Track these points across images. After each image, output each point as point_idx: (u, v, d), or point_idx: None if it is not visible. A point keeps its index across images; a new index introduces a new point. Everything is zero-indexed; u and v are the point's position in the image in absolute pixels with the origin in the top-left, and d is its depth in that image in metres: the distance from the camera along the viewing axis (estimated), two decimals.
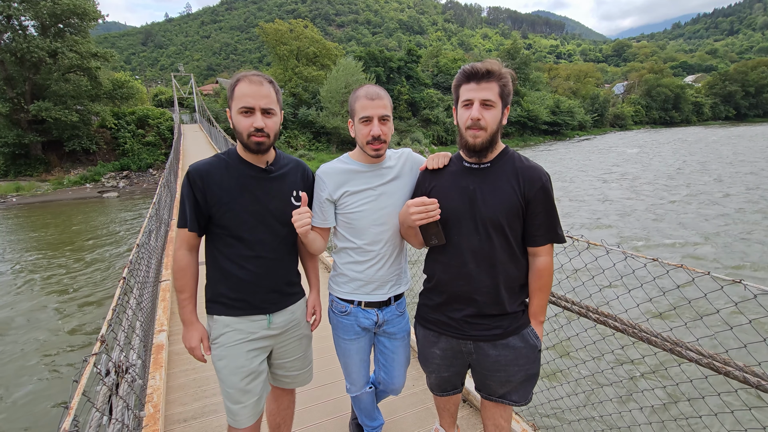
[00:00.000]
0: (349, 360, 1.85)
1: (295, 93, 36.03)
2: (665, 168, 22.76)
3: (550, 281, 1.53)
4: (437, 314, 1.62)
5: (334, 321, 1.82)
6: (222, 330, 1.58)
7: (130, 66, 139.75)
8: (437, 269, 1.59)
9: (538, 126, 51.20)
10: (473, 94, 1.39)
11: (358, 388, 1.92)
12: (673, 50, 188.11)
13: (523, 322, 1.56)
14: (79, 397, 0.88)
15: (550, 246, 1.51)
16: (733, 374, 1.49)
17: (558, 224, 1.49)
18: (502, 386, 1.60)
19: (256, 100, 1.45)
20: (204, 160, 1.57)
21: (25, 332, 6.80)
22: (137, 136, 27.24)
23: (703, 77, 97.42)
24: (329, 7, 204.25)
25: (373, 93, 1.56)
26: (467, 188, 1.48)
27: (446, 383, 1.75)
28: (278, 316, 1.65)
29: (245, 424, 1.62)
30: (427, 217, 1.43)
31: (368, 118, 1.55)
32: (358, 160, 1.68)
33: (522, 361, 1.54)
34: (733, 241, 10.00)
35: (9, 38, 22.28)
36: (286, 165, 1.66)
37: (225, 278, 1.57)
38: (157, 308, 3.86)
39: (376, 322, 1.77)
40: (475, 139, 1.42)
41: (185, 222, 1.54)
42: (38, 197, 21.19)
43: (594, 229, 11.74)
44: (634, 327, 1.82)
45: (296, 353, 1.77)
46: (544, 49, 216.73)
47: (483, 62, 1.40)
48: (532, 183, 1.44)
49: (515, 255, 1.49)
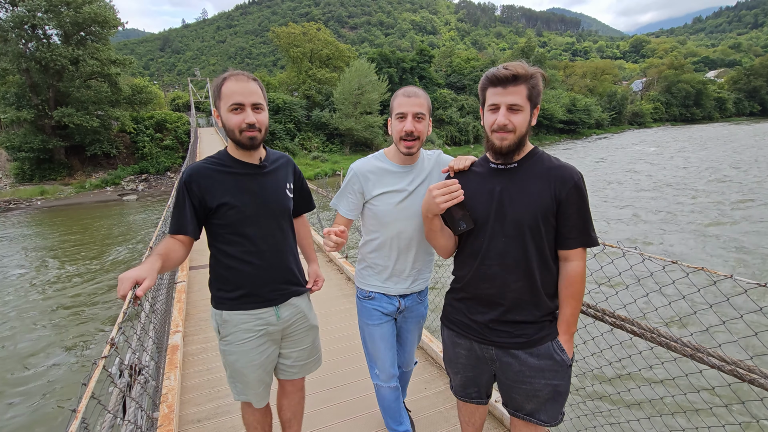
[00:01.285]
0: (374, 345, 1.91)
1: (308, 95, 36.33)
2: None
3: (582, 288, 1.44)
4: (461, 316, 1.58)
5: (360, 306, 1.93)
6: (231, 330, 1.62)
7: (148, 71, 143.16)
8: (464, 270, 1.55)
9: (554, 125, 50.41)
10: (499, 98, 1.35)
11: (386, 377, 1.92)
12: (694, 45, 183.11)
13: (551, 332, 1.47)
14: (87, 400, 0.89)
15: (583, 250, 1.42)
16: (759, 382, 1.42)
17: (591, 226, 1.41)
18: (528, 401, 1.51)
19: (245, 97, 1.47)
20: (198, 163, 1.58)
21: (47, 332, 7.00)
22: (155, 140, 27.89)
23: (726, 72, 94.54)
24: (342, 10, 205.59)
25: (410, 91, 1.63)
26: (494, 189, 1.43)
27: (470, 383, 1.66)
28: (285, 309, 1.70)
29: (259, 405, 1.74)
30: (451, 198, 1.40)
31: (403, 115, 1.61)
32: (393, 160, 1.75)
33: (548, 375, 1.46)
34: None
35: (33, 47, 23.08)
36: (277, 160, 1.73)
37: (233, 275, 1.60)
38: (173, 309, 3.92)
39: (398, 308, 1.88)
40: (502, 142, 1.38)
41: (180, 228, 1.53)
42: (62, 200, 21.86)
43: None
44: (652, 332, 1.76)
45: (304, 344, 1.82)
46: (559, 47, 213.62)
47: (509, 66, 1.34)
48: (564, 183, 1.37)
49: (545, 259, 1.42)
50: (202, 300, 4.45)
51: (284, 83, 41.07)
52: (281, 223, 1.67)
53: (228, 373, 1.72)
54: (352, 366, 3.05)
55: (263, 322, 1.65)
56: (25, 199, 21.50)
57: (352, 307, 4.16)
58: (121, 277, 1.24)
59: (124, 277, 1.24)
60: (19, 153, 23.27)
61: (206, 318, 3.95)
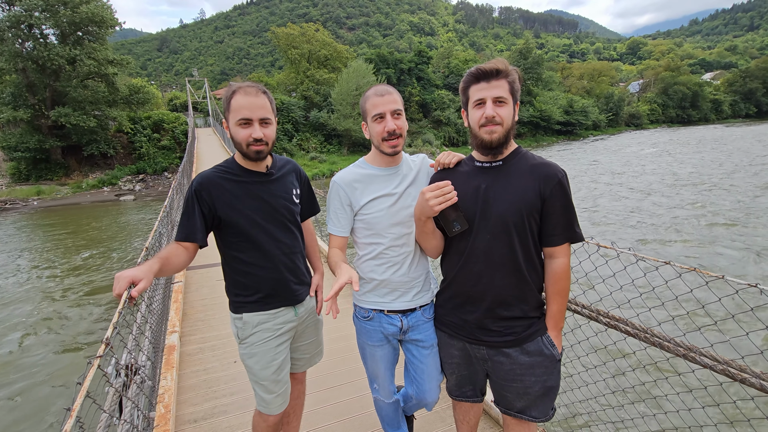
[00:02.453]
0: (375, 365, 1.80)
1: (306, 96, 36.33)
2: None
3: (567, 284, 1.46)
4: (451, 316, 1.59)
5: (358, 326, 1.80)
6: (252, 330, 1.66)
7: (146, 71, 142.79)
8: (451, 269, 1.56)
9: (551, 126, 50.58)
10: (485, 93, 1.38)
11: (386, 394, 1.85)
12: (691, 47, 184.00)
13: (539, 328, 1.49)
14: (82, 399, 0.90)
15: (568, 246, 1.44)
16: (750, 381, 1.43)
17: (576, 222, 1.44)
18: (519, 399, 1.53)
19: (252, 112, 1.50)
20: (207, 172, 1.61)
21: (42, 332, 6.97)
22: (153, 140, 27.83)
23: (722, 74, 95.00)
24: (340, 11, 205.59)
25: (382, 90, 1.56)
26: (479, 187, 1.45)
27: (465, 381, 1.68)
28: (301, 307, 1.77)
29: (277, 411, 1.75)
30: (444, 200, 1.39)
31: (381, 115, 1.54)
32: (375, 164, 1.66)
33: (539, 371, 1.47)
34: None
35: (30, 47, 23.01)
36: (283, 166, 1.76)
37: (251, 280, 1.65)
38: (170, 309, 3.92)
39: (400, 329, 1.70)
40: (491, 135, 1.39)
41: (189, 235, 1.54)
42: (58, 200, 21.79)
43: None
44: (646, 331, 1.78)
45: (311, 337, 1.90)
46: (556, 49, 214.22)
47: (490, 62, 1.39)
48: (548, 180, 1.39)
49: (530, 256, 1.44)
50: (200, 300, 4.44)
51: (282, 84, 41.07)
52: (290, 227, 1.71)
53: (252, 380, 1.74)
54: (350, 366, 3.06)
55: (282, 320, 1.71)
56: (21, 199, 21.42)
57: (350, 307, 4.15)
58: (118, 276, 1.24)
59: (120, 276, 1.24)
60: (16, 153, 23.20)
61: (203, 318, 3.95)
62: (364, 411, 2.54)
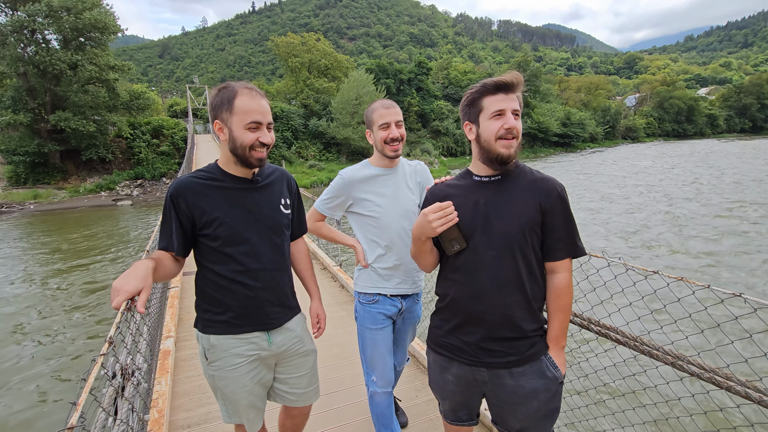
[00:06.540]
0: (375, 351, 1.97)
1: (306, 104, 36.59)
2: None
3: (570, 300, 1.42)
4: (449, 338, 1.50)
5: (362, 311, 1.99)
6: (220, 355, 1.51)
7: (146, 78, 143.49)
8: (450, 288, 1.48)
9: (549, 138, 51.09)
10: (505, 104, 1.35)
11: (384, 382, 1.96)
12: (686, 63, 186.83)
13: (541, 347, 1.43)
14: (86, 395, 0.92)
15: (569, 261, 1.41)
16: (735, 389, 1.47)
17: (577, 236, 1.41)
18: (519, 422, 1.47)
19: (263, 116, 1.43)
20: (184, 177, 1.49)
21: (41, 336, 6.93)
22: (152, 145, 27.88)
23: (717, 90, 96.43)
24: (341, 21, 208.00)
25: (388, 103, 1.93)
26: (478, 202, 1.41)
27: (461, 407, 1.60)
28: (278, 334, 1.59)
29: (252, 430, 1.62)
30: (447, 221, 1.36)
31: (387, 124, 1.88)
32: (378, 166, 1.98)
33: (543, 396, 1.41)
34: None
35: (32, 51, 23.13)
36: (271, 174, 1.63)
37: (222, 295, 1.50)
38: (165, 314, 3.92)
39: (399, 310, 1.99)
40: (509, 149, 1.35)
41: (167, 245, 1.46)
42: (55, 204, 21.73)
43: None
44: (635, 340, 1.81)
45: (301, 370, 1.69)
46: (554, 62, 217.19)
47: (509, 74, 1.38)
48: (549, 194, 1.37)
49: (532, 272, 1.40)
50: None
51: (282, 92, 41.38)
52: (275, 240, 1.57)
53: (217, 395, 1.59)
54: (345, 373, 3.07)
55: (255, 347, 1.53)
56: (18, 203, 21.35)
57: (346, 315, 4.18)
58: (115, 288, 1.14)
59: (119, 288, 1.14)
60: (14, 156, 23.19)
61: None
62: (358, 418, 2.55)
